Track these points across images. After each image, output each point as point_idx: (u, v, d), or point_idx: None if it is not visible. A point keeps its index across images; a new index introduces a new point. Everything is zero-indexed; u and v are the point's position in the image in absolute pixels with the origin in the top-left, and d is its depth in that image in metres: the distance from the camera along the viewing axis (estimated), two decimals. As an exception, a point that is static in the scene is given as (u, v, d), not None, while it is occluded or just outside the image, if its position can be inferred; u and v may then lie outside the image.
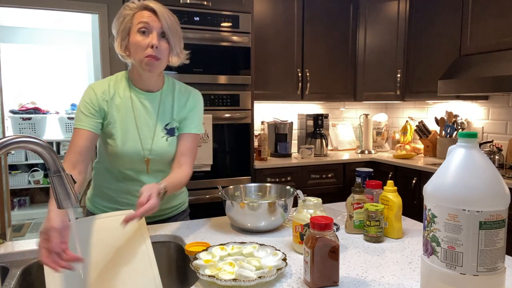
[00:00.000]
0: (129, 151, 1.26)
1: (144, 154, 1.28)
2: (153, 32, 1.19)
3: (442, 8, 2.84)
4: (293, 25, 3.12)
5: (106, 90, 1.27)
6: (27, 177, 4.66)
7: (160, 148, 1.29)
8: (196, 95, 1.38)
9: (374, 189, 1.32)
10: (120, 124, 1.26)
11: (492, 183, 0.72)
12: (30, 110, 4.64)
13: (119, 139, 1.26)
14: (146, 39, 1.19)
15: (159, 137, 1.29)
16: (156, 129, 1.29)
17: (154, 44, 1.18)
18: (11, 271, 1.03)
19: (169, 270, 1.23)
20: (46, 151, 0.78)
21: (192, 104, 1.35)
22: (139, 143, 1.27)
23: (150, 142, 1.28)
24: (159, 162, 1.31)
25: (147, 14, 1.20)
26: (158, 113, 1.30)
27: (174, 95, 1.34)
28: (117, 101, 1.27)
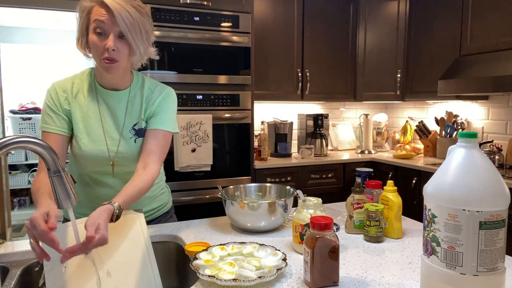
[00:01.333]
0: (93, 153, 1.18)
1: (110, 156, 1.19)
2: (110, 33, 1.07)
3: (442, 8, 2.84)
4: (293, 25, 3.12)
5: (68, 89, 1.20)
6: (27, 177, 4.66)
7: (127, 150, 1.20)
8: (167, 92, 1.27)
9: (374, 189, 1.32)
10: (83, 125, 1.18)
11: (492, 183, 0.72)
12: (30, 110, 4.64)
13: (83, 141, 1.18)
14: (103, 41, 1.08)
15: (127, 138, 1.21)
16: (123, 130, 1.21)
17: (110, 47, 1.07)
18: (11, 271, 1.03)
19: (169, 270, 1.23)
20: (46, 151, 0.78)
21: (161, 101, 1.24)
22: (104, 145, 1.19)
23: (116, 143, 1.20)
24: (126, 165, 1.22)
25: (103, 12, 1.06)
26: (126, 113, 1.21)
27: (143, 93, 1.24)
28: (81, 100, 1.19)
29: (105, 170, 1.22)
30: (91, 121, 1.19)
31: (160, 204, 1.39)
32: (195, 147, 2.54)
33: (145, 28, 1.12)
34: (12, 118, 4.53)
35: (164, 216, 1.42)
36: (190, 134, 2.51)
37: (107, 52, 1.07)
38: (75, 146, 1.19)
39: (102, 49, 1.08)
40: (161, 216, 1.41)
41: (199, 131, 2.54)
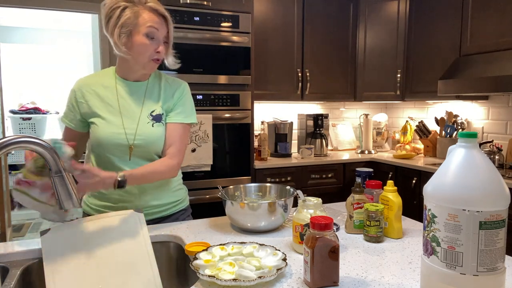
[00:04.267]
0: (111, 135, 1.26)
1: (128, 139, 1.27)
2: (160, 38, 1.25)
3: (442, 8, 2.84)
4: (293, 25, 3.12)
5: (86, 83, 1.31)
6: (27, 177, 4.65)
7: (145, 133, 1.28)
8: (183, 86, 1.39)
9: (374, 189, 1.32)
10: (102, 112, 1.28)
11: (492, 183, 0.72)
12: (30, 110, 4.64)
13: (101, 125, 1.27)
14: (152, 44, 1.24)
15: (144, 123, 1.29)
16: (141, 115, 1.30)
17: (162, 51, 1.25)
18: (11, 271, 1.03)
19: (169, 270, 1.23)
20: (47, 151, 0.78)
21: (180, 94, 1.36)
22: (122, 128, 1.27)
23: (134, 127, 1.28)
24: (144, 148, 1.29)
25: (156, 19, 1.23)
26: (144, 101, 1.32)
27: (160, 85, 1.36)
28: (100, 91, 1.30)
29: (123, 155, 1.29)
30: (109, 108, 1.29)
31: (177, 199, 1.44)
32: (195, 147, 2.54)
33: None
34: (12, 118, 4.53)
35: (182, 213, 1.46)
36: (190, 134, 2.51)
37: (157, 54, 1.25)
38: (94, 131, 1.28)
39: (153, 52, 1.24)
40: (178, 212, 1.45)
41: (199, 131, 2.54)
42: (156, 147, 1.31)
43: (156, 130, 1.30)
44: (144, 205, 1.33)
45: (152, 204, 1.35)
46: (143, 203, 1.33)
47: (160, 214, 1.39)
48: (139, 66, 1.27)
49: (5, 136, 0.73)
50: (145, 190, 1.33)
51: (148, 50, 1.23)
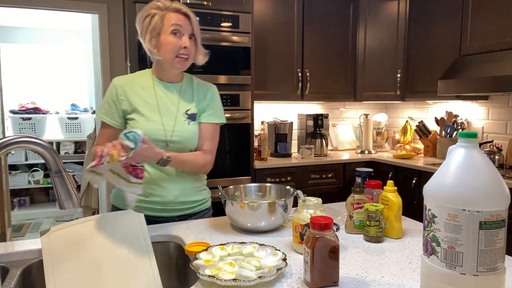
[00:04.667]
0: (150, 131, 1.33)
1: (166, 135, 1.36)
2: (185, 35, 1.34)
3: (442, 8, 2.84)
4: (293, 25, 3.12)
5: (126, 81, 1.40)
6: (27, 177, 4.66)
7: (182, 130, 1.39)
8: (214, 88, 1.51)
9: (374, 189, 1.32)
10: (142, 109, 1.37)
11: (492, 183, 0.72)
12: (30, 110, 4.63)
13: (140, 121, 1.35)
14: (179, 40, 1.33)
15: (181, 121, 1.40)
16: (178, 113, 1.40)
17: (187, 45, 1.33)
18: (11, 271, 1.03)
19: (169, 270, 1.23)
20: (47, 151, 0.78)
21: (211, 96, 1.48)
22: (160, 125, 1.36)
23: (172, 124, 1.38)
24: (180, 144, 1.39)
25: (179, 17, 1.33)
26: (179, 101, 1.42)
27: (193, 87, 1.47)
28: (140, 90, 1.39)
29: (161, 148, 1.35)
30: (148, 106, 1.38)
31: (203, 198, 1.52)
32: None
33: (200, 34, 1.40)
34: (12, 118, 4.53)
35: (205, 212, 1.54)
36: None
37: (183, 50, 1.33)
38: (133, 127, 1.35)
39: (178, 47, 1.32)
40: (203, 211, 1.52)
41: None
42: (191, 144, 1.42)
43: (191, 128, 1.41)
44: (174, 200, 1.41)
45: (180, 200, 1.43)
46: (173, 199, 1.41)
47: (187, 211, 1.46)
48: (169, 65, 1.36)
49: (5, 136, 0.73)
50: (176, 186, 1.41)
51: (175, 46, 1.32)
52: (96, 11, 3.15)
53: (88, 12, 3.17)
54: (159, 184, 1.39)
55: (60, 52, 5.16)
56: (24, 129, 4.58)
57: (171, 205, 1.41)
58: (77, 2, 3.08)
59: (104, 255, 1.01)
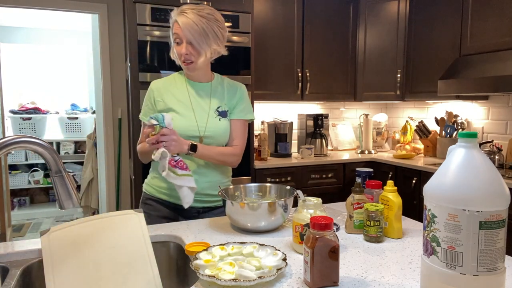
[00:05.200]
0: (185, 127, 1.45)
1: (199, 131, 1.46)
2: (183, 41, 1.41)
3: (442, 8, 2.84)
4: (293, 25, 3.12)
5: (162, 84, 1.52)
6: (27, 177, 4.66)
7: (214, 125, 1.49)
8: (243, 87, 1.61)
9: (374, 189, 1.32)
10: (177, 107, 1.47)
11: (492, 183, 0.72)
12: (30, 110, 4.64)
13: (176, 119, 1.44)
14: (180, 48, 1.42)
15: (213, 117, 1.50)
16: (210, 111, 1.50)
17: (183, 52, 1.41)
18: (11, 271, 1.03)
19: (169, 270, 1.23)
20: (47, 151, 0.78)
21: (240, 94, 1.58)
22: (194, 121, 1.47)
23: (205, 121, 1.48)
24: (212, 139, 1.48)
25: (176, 26, 1.41)
26: (211, 99, 1.52)
27: (224, 86, 1.57)
28: (174, 91, 1.51)
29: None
30: (182, 105, 1.49)
31: None
32: (195, 147, 2.53)
33: (213, 30, 1.42)
34: (12, 118, 4.53)
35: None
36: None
37: (184, 56, 1.42)
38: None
39: (180, 55, 1.43)
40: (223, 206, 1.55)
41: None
42: (223, 139, 1.52)
43: (223, 124, 1.51)
44: (200, 191, 1.48)
45: (207, 192, 1.51)
46: (199, 190, 1.47)
47: (212, 204, 1.54)
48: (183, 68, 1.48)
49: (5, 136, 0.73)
50: (204, 178, 1.50)
51: (178, 54, 1.44)
52: (96, 11, 3.15)
53: (88, 12, 3.17)
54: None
55: (60, 52, 5.16)
56: (24, 129, 4.58)
57: (198, 196, 1.48)
58: (77, 2, 3.08)
59: (104, 255, 1.01)
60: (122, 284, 0.98)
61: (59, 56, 5.16)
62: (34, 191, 4.93)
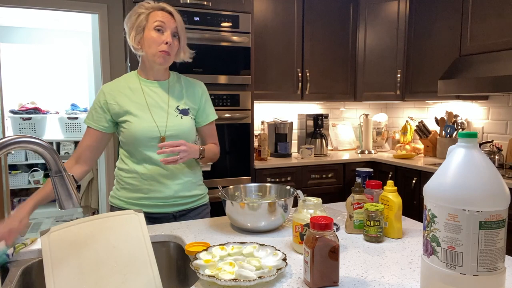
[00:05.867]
0: (144, 129, 1.38)
1: (159, 131, 1.40)
2: (167, 31, 1.37)
3: (442, 8, 2.84)
4: (293, 25, 3.12)
5: (114, 87, 1.44)
6: (27, 177, 4.66)
7: (175, 124, 1.43)
8: (202, 85, 1.57)
9: (374, 189, 1.32)
10: (133, 110, 1.40)
11: (492, 183, 0.72)
12: (30, 110, 4.64)
13: (134, 122, 1.39)
14: (161, 36, 1.36)
15: (173, 115, 1.44)
16: (169, 109, 1.44)
17: (169, 41, 1.36)
18: (11, 271, 1.03)
19: (169, 270, 1.23)
20: (47, 151, 0.78)
21: (204, 95, 1.55)
22: (153, 122, 1.40)
23: (164, 120, 1.42)
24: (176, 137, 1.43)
25: (164, 15, 1.37)
26: (169, 97, 1.46)
27: (181, 84, 1.52)
28: (127, 92, 1.43)
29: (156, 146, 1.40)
30: (139, 107, 1.42)
31: (202, 192, 1.56)
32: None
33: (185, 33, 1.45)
34: (12, 118, 4.53)
35: (204, 208, 1.58)
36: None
37: (165, 46, 1.36)
38: (126, 128, 1.40)
39: (160, 42, 1.36)
40: (202, 206, 1.56)
41: (199, 131, 2.54)
42: (187, 138, 1.45)
43: (185, 122, 1.46)
44: (173, 195, 1.45)
45: (180, 195, 1.46)
46: (173, 193, 1.45)
47: (186, 206, 1.50)
48: (151, 60, 1.40)
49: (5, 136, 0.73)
50: (175, 181, 1.45)
51: (156, 41, 1.36)
52: (96, 11, 3.15)
53: (88, 12, 3.17)
54: (158, 180, 1.43)
55: (60, 52, 5.16)
56: (24, 129, 4.58)
57: (171, 200, 1.45)
58: (77, 2, 3.08)
59: (104, 255, 1.01)
60: (122, 284, 0.98)
61: (59, 56, 5.16)
62: (34, 191, 4.93)
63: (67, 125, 4.75)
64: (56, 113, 4.92)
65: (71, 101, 5.09)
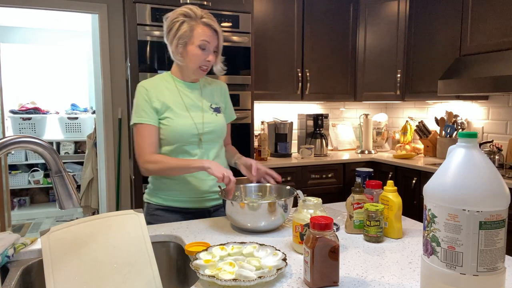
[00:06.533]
0: (184, 127, 1.44)
1: (197, 128, 1.46)
2: (210, 49, 1.44)
3: (442, 8, 2.84)
4: (293, 25, 3.12)
5: (153, 84, 1.49)
6: (27, 177, 4.66)
7: (211, 121, 1.50)
8: (225, 85, 1.66)
9: (374, 189, 1.32)
10: (173, 107, 1.46)
11: (492, 183, 0.72)
12: (30, 110, 4.64)
13: (174, 119, 1.44)
14: (203, 54, 1.43)
15: (209, 113, 1.52)
16: (204, 108, 1.52)
17: (211, 60, 1.45)
18: (11, 271, 1.03)
19: (169, 270, 1.23)
20: (47, 151, 0.78)
21: (226, 93, 1.65)
22: (191, 120, 1.46)
23: (201, 118, 1.49)
24: (212, 136, 1.51)
25: (208, 33, 1.42)
26: (202, 97, 1.54)
27: (210, 83, 1.61)
28: (165, 92, 1.48)
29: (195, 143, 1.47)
30: (177, 105, 1.47)
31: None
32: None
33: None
34: (12, 118, 4.53)
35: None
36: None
37: (205, 63, 1.45)
38: (167, 125, 1.45)
39: (203, 60, 1.44)
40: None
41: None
42: (222, 133, 1.56)
43: (220, 119, 1.54)
44: (209, 190, 1.51)
45: (215, 190, 1.52)
46: (208, 188, 1.51)
47: (220, 200, 1.54)
48: (190, 72, 1.48)
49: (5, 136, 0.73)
50: (210, 176, 1.49)
51: (199, 59, 1.43)
52: (96, 11, 3.15)
53: (88, 12, 3.17)
54: (195, 176, 1.48)
55: (60, 52, 5.16)
56: (24, 129, 4.58)
57: (206, 195, 1.51)
58: (77, 2, 3.08)
59: (104, 255, 1.01)
60: (122, 284, 0.98)
61: (59, 56, 5.16)
62: (34, 191, 4.93)
63: (67, 125, 4.75)
64: (56, 113, 4.92)
65: (71, 101, 5.09)
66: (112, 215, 1.10)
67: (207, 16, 1.43)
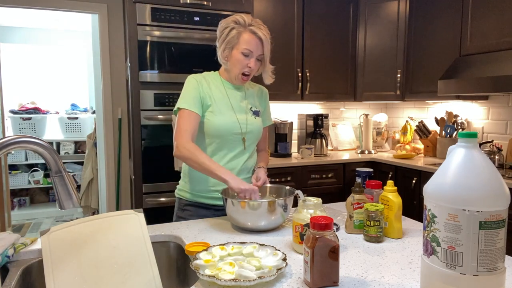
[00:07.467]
0: (227, 125, 1.49)
1: (241, 127, 1.52)
2: (254, 56, 1.48)
3: (442, 8, 2.84)
4: (293, 25, 3.12)
5: (203, 79, 1.53)
6: (27, 177, 4.66)
7: (252, 123, 1.56)
8: (266, 90, 1.72)
9: (374, 189, 1.32)
10: (219, 104, 1.51)
11: (492, 183, 0.72)
12: (30, 110, 4.63)
13: (220, 115, 1.49)
14: (245, 60, 1.47)
15: (250, 115, 1.58)
16: (246, 110, 1.57)
17: (252, 67, 1.48)
18: (11, 271, 1.03)
19: (169, 270, 1.23)
20: (47, 151, 0.78)
21: (266, 99, 1.70)
22: (236, 119, 1.52)
23: (245, 119, 1.55)
24: (253, 137, 1.57)
25: (254, 41, 1.46)
26: (245, 100, 1.59)
27: (252, 87, 1.66)
28: (213, 88, 1.53)
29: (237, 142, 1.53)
30: (223, 103, 1.52)
31: None
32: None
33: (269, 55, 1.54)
34: (12, 118, 4.53)
35: None
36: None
37: (247, 69, 1.49)
38: (210, 120, 1.49)
39: (245, 66, 1.48)
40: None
41: (199, 131, 2.55)
42: (258, 136, 1.61)
43: (258, 122, 1.60)
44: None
45: None
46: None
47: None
48: (233, 77, 1.53)
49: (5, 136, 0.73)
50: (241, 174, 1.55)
51: (242, 64, 1.48)
52: (96, 11, 3.15)
53: (88, 12, 3.17)
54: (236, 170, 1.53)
55: (60, 52, 5.16)
56: (24, 129, 4.58)
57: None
58: (77, 2, 3.08)
59: (104, 255, 1.01)
60: (122, 284, 0.98)
61: (59, 56, 5.16)
62: (34, 191, 4.93)
63: (67, 125, 4.75)
64: (56, 113, 4.92)
65: (71, 101, 5.08)
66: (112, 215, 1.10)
67: (255, 24, 1.47)
